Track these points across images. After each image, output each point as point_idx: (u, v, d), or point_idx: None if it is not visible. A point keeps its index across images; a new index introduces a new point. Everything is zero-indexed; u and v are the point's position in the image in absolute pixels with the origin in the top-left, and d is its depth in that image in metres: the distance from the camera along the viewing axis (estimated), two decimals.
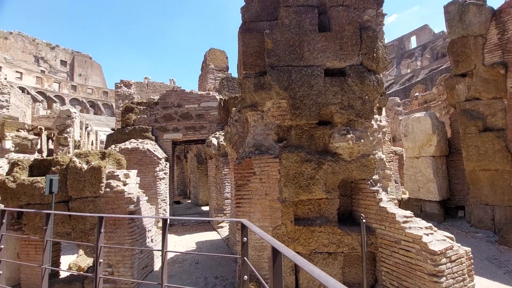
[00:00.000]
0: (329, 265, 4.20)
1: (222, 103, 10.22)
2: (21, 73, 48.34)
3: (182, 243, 7.57)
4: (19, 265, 5.01)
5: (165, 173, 9.39)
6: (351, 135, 4.17)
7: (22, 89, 39.78)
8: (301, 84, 4.31)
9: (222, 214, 8.83)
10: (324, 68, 4.41)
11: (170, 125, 10.07)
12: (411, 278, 3.39)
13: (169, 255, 6.07)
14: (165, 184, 9.39)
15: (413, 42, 36.03)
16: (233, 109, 6.27)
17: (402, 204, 9.06)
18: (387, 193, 4.58)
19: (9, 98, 15.40)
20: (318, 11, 4.53)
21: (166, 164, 9.51)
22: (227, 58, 17.65)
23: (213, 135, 9.51)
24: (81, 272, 5.18)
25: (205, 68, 17.56)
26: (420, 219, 3.76)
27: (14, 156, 11.37)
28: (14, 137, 11.55)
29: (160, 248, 2.70)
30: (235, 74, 17.04)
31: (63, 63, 57.56)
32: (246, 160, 4.26)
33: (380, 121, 4.71)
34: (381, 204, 4.00)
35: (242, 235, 2.39)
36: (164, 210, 9.17)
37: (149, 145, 9.20)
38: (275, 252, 1.60)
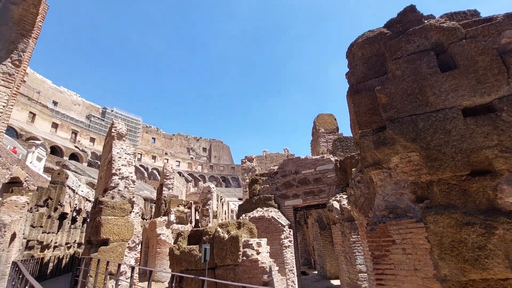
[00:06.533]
0: None
1: (338, 164, 9.99)
2: (179, 161, 65.71)
3: None
4: None
5: (290, 241, 9.37)
6: None
7: (179, 173, 52.90)
8: (433, 132, 3.75)
9: None
10: (460, 109, 3.75)
11: (290, 191, 10.49)
12: None
13: None
14: (291, 253, 9.25)
15: None
16: (353, 169, 5.98)
17: None
18: None
19: (173, 181, 20.73)
20: (434, 52, 4.17)
21: (290, 231, 9.56)
22: (335, 119, 17.91)
23: (333, 198, 9.11)
24: None
25: (315, 133, 18.27)
26: None
27: (175, 226, 14.52)
28: (176, 211, 14.98)
29: None
30: (346, 133, 16.78)
31: (204, 149, 74.92)
32: (380, 226, 3.76)
33: None
34: None
35: None
36: (293, 282, 8.80)
37: (273, 212, 9.70)
38: None
